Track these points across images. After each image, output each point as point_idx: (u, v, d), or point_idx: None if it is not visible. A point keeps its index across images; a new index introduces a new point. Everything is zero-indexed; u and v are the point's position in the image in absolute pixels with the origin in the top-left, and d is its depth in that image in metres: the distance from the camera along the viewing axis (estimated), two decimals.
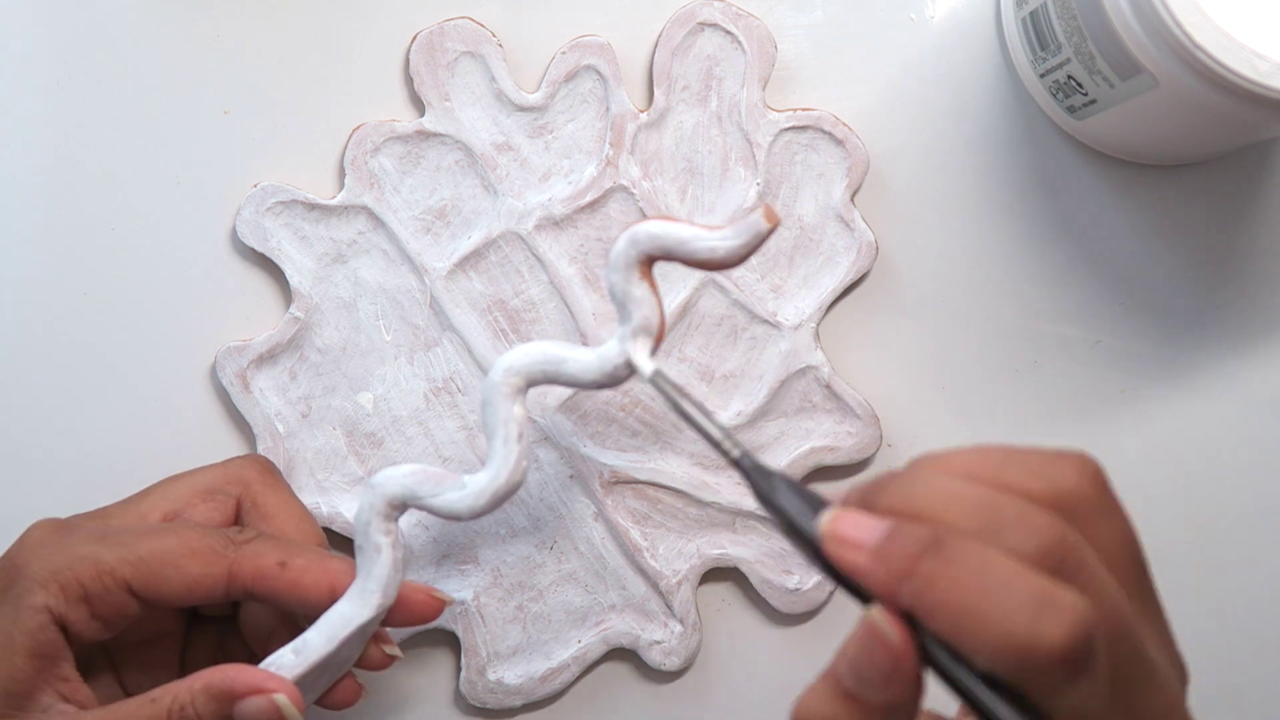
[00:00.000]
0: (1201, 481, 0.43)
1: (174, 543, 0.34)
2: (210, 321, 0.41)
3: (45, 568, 0.34)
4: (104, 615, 0.34)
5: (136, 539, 0.34)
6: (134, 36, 0.41)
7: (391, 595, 0.36)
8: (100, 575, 0.34)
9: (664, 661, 0.42)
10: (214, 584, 0.35)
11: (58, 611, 0.33)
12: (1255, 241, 0.43)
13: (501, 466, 0.35)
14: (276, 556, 0.35)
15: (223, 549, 0.35)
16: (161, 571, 0.34)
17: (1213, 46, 0.33)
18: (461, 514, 0.36)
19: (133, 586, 0.34)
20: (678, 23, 0.41)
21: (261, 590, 0.35)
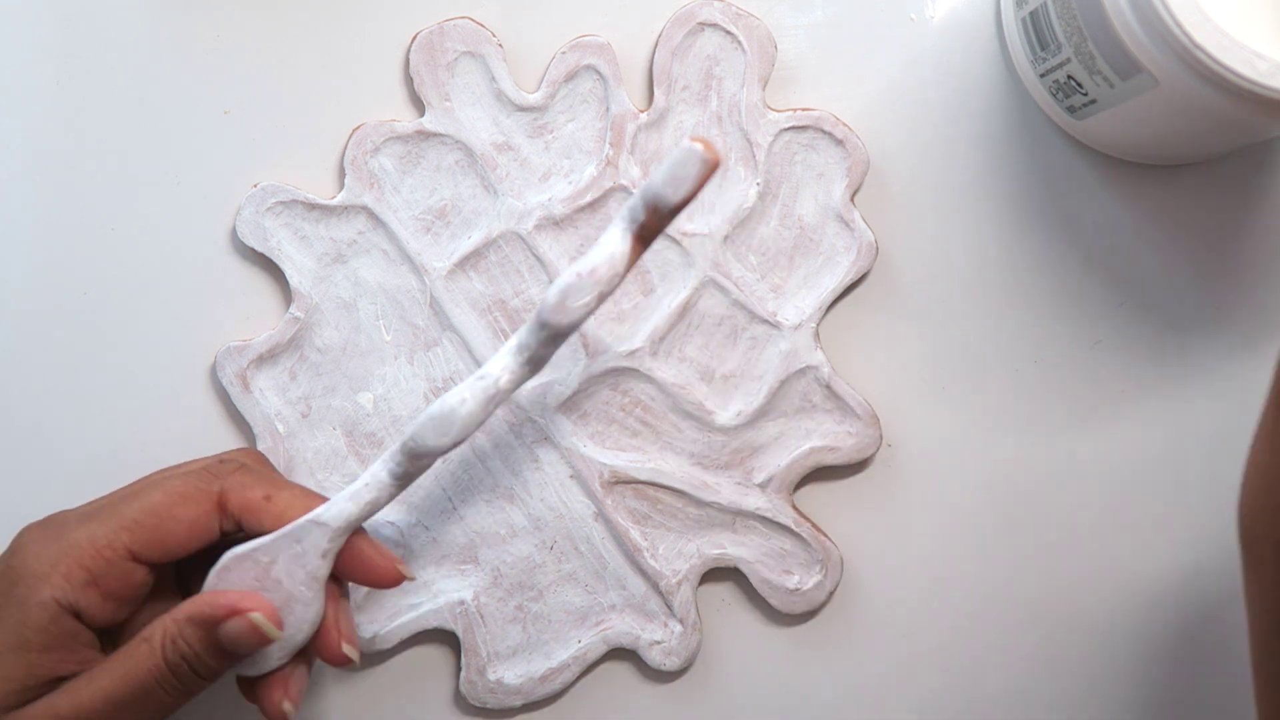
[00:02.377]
0: (1201, 481, 0.43)
1: (160, 495, 0.35)
2: (210, 321, 0.41)
3: (43, 562, 0.34)
4: (115, 591, 0.34)
5: (122, 504, 0.35)
6: (134, 36, 0.41)
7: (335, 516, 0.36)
8: (99, 551, 0.34)
9: (664, 661, 0.42)
10: (209, 521, 0.35)
11: (67, 601, 0.34)
12: (1255, 241, 0.43)
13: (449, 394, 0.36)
14: (262, 490, 0.36)
15: (207, 485, 0.36)
16: (158, 526, 0.35)
17: (1213, 46, 0.33)
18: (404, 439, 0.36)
19: (134, 551, 0.34)
20: (678, 23, 0.41)
21: (249, 522, 0.36)
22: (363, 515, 0.36)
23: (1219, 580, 0.44)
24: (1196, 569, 0.44)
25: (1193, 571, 0.44)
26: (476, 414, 0.36)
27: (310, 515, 0.36)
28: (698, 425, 0.41)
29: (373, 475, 0.36)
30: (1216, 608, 0.44)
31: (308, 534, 0.36)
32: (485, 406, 0.36)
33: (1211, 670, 0.44)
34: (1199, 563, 0.44)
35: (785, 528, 0.42)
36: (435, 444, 0.36)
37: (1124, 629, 0.43)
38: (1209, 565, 0.43)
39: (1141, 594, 0.44)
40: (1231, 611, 0.44)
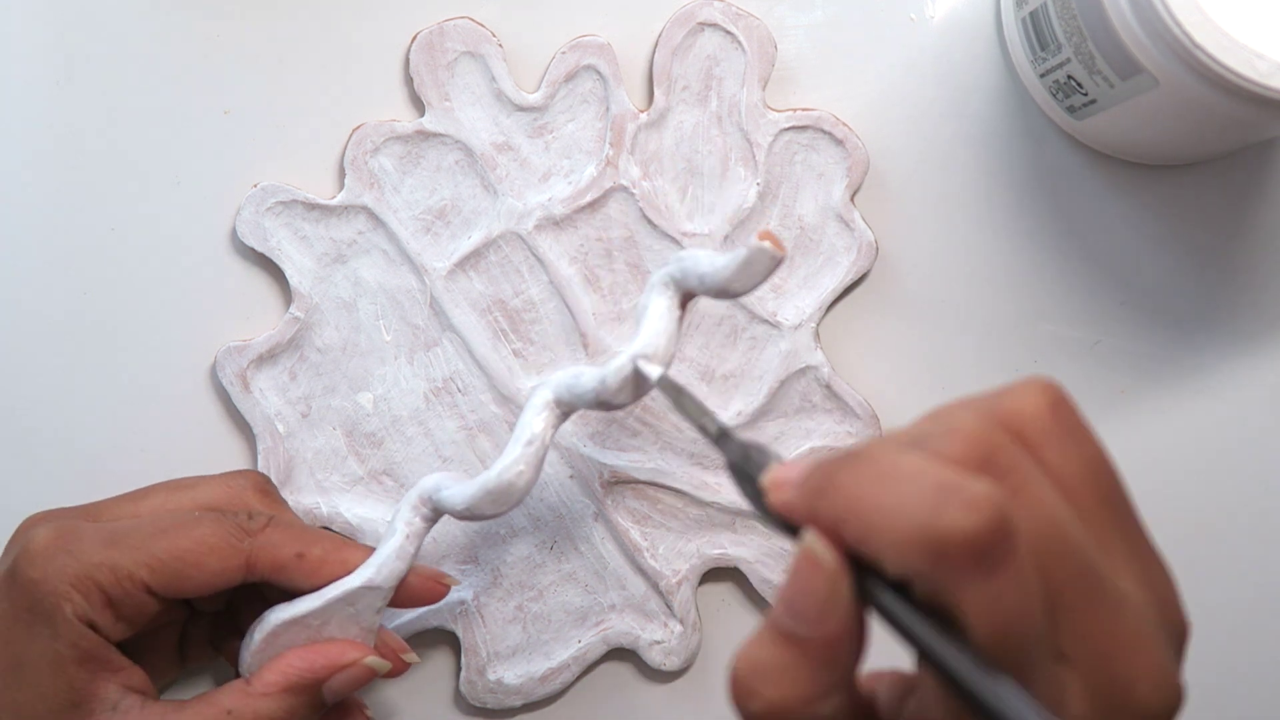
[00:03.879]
0: (1201, 481, 0.43)
1: (188, 542, 0.34)
2: (210, 321, 0.41)
3: (63, 578, 0.33)
4: (127, 616, 0.34)
5: (149, 539, 0.34)
6: (134, 36, 0.41)
7: (387, 577, 0.36)
8: (119, 580, 0.34)
9: (664, 661, 0.42)
10: (232, 576, 0.35)
11: (86, 618, 0.34)
12: (1255, 241, 0.43)
13: (501, 464, 0.35)
14: (294, 548, 0.35)
15: (239, 541, 0.35)
16: (181, 571, 0.34)
17: (1213, 46, 0.33)
18: (456, 507, 0.36)
19: (151, 587, 0.34)
20: (678, 23, 0.41)
21: (279, 579, 0.35)
22: (409, 567, 0.36)
23: (1218, 579, 0.44)
24: (1196, 568, 0.44)
25: (1192, 571, 0.44)
26: (534, 480, 0.36)
27: (363, 581, 0.36)
28: None
29: (410, 525, 0.36)
30: (1215, 607, 0.44)
31: (362, 598, 0.36)
32: (539, 469, 0.36)
33: (1210, 669, 0.44)
34: (1199, 562, 0.43)
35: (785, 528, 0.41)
36: (493, 512, 0.36)
37: None
38: (1209, 564, 0.43)
39: None
40: (1230, 611, 0.44)
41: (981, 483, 0.22)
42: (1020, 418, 0.24)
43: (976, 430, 0.23)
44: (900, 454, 0.23)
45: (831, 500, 0.23)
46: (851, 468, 0.23)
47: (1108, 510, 0.24)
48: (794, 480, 0.24)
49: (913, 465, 0.22)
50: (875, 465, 0.23)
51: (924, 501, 0.21)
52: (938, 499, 0.21)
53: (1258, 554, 0.43)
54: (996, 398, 0.24)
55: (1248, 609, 0.44)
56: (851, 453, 0.23)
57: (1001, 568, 0.21)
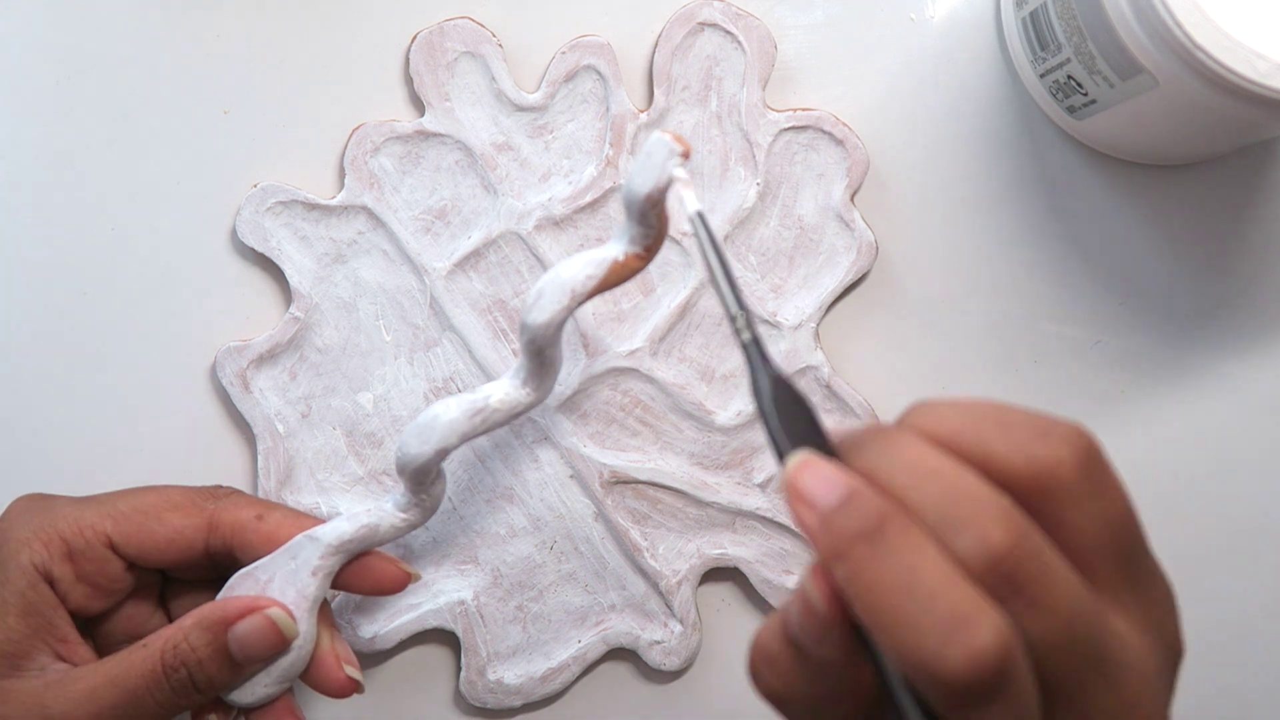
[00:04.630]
0: (1202, 481, 0.43)
1: (154, 498, 0.35)
2: (210, 321, 0.41)
3: (27, 528, 0.34)
4: (89, 575, 0.35)
5: (117, 497, 0.36)
6: (134, 36, 0.41)
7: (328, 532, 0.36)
8: (81, 530, 0.34)
9: (664, 661, 0.42)
10: (194, 535, 0.35)
11: (43, 567, 0.34)
12: (1255, 241, 0.43)
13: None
14: (254, 510, 0.36)
15: (202, 501, 0.36)
16: (143, 524, 0.35)
17: (1213, 46, 0.33)
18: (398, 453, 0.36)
19: (114, 540, 0.35)
20: (678, 23, 0.41)
21: (239, 542, 0.36)
22: (359, 537, 0.36)
23: (1218, 579, 0.44)
24: (1195, 568, 0.44)
25: (1192, 571, 0.44)
26: (459, 422, 0.35)
27: (307, 532, 0.36)
28: (698, 425, 0.41)
29: (376, 503, 0.37)
30: (1215, 607, 0.44)
31: (301, 550, 0.36)
32: (470, 418, 0.35)
33: (1210, 668, 0.44)
34: (1198, 561, 0.43)
35: (785, 528, 0.42)
36: (416, 451, 0.35)
37: None
38: (1208, 564, 0.43)
39: None
40: (1230, 610, 0.44)
41: (991, 624, 0.22)
42: (1052, 476, 0.24)
43: (1005, 536, 0.23)
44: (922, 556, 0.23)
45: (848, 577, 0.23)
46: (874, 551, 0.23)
47: (1122, 566, 0.25)
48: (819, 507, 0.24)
49: (932, 579, 0.22)
50: (896, 562, 0.23)
51: (932, 631, 0.22)
52: (945, 633, 0.22)
53: (1258, 553, 0.43)
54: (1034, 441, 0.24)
55: (1249, 608, 0.44)
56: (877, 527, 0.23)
57: (996, 703, 0.22)
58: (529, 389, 0.36)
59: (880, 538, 0.23)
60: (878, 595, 0.23)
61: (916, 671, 0.22)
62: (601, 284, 0.34)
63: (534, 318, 0.34)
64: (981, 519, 0.23)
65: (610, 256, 0.34)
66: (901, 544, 0.23)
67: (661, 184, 0.32)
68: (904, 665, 0.22)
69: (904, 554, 0.23)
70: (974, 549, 0.23)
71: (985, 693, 0.22)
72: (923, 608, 0.22)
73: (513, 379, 0.36)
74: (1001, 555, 0.23)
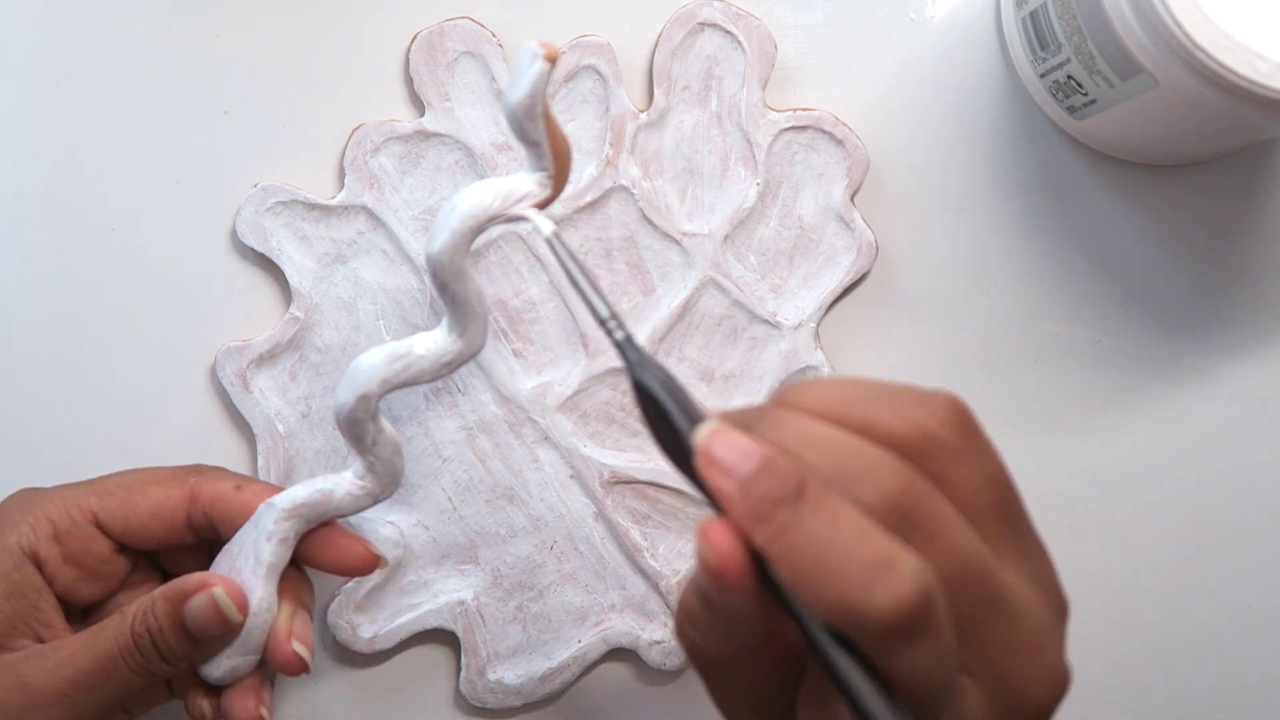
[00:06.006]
0: (1201, 481, 0.43)
1: (138, 475, 0.36)
2: (210, 321, 0.41)
3: (15, 513, 0.35)
4: (76, 555, 0.35)
5: (102, 478, 0.37)
6: (134, 36, 0.41)
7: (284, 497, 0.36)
8: (67, 509, 0.35)
9: (664, 661, 0.42)
10: (176, 506, 0.36)
11: (30, 549, 0.34)
12: (1255, 241, 0.43)
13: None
14: (233, 481, 0.37)
15: (185, 476, 0.37)
16: (126, 499, 0.36)
17: (1213, 46, 0.33)
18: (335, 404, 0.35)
19: (99, 517, 0.35)
20: (678, 23, 0.41)
21: (218, 513, 0.36)
22: (312, 501, 0.36)
23: (1217, 578, 0.44)
24: (1195, 567, 0.44)
25: (1192, 570, 0.44)
26: (378, 368, 0.34)
27: (266, 500, 0.36)
28: None
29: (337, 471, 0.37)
30: (1215, 606, 0.44)
31: (261, 517, 0.36)
32: (389, 363, 0.34)
33: (1210, 667, 0.44)
34: (1198, 561, 0.44)
35: None
36: (341, 400, 0.35)
37: (1121, 628, 0.43)
38: (1208, 563, 0.43)
39: (1140, 592, 0.44)
40: (1229, 610, 0.44)
41: (910, 558, 0.23)
42: (933, 437, 0.25)
43: (897, 480, 0.24)
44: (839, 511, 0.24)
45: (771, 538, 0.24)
46: (796, 512, 0.24)
47: (1004, 520, 0.26)
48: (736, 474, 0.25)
49: (852, 531, 0.24)
50: (817, 520, 0.24)
51: (857, 578, 0.23)
52: (870, 577, 0.23)
53: (1257, 553, 0.43)
54: (912, 407, 0.26)
55: (1248, 607, 0.44)
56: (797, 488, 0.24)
57: (921, 639, 0.23)
58: (454, 335, 0.35)
59: (801, 500, 0.24)
60: (802, 553, 0.24)
61: (845, 619, 0.24)
62: (498, 211, 0.33)
63: (429, 247, 0.33)
64: (874, 470, 0.24)
65: (509, 183, 0.33)
66: (820, 503, 0.24)
67: (531, 94, 0.31)
68: (832, 616, 0.24)
69: (824, 512, 0.24)
70: (872, 496, 0.24)
71: (912, 630, 0.23)
72: (846, 559, 0.23)
73: (440, 328, 0.35)
74: (897, 498, 0.24)
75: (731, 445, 0.25)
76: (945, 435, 0.25)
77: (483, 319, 0.35)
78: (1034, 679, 0.25)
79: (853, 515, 0.24)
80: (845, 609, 0.23)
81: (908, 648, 0.24)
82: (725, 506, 0.25)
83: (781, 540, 0.24)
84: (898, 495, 0.24)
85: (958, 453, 0.25)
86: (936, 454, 0.25)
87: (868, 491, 0.24)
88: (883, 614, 0.23)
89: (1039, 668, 0.25)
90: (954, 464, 0.25)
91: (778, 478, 0.24)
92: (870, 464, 0.24)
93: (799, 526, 0.24)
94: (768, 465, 0.24)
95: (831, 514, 0.24)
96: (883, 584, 0.23)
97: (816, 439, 0.25)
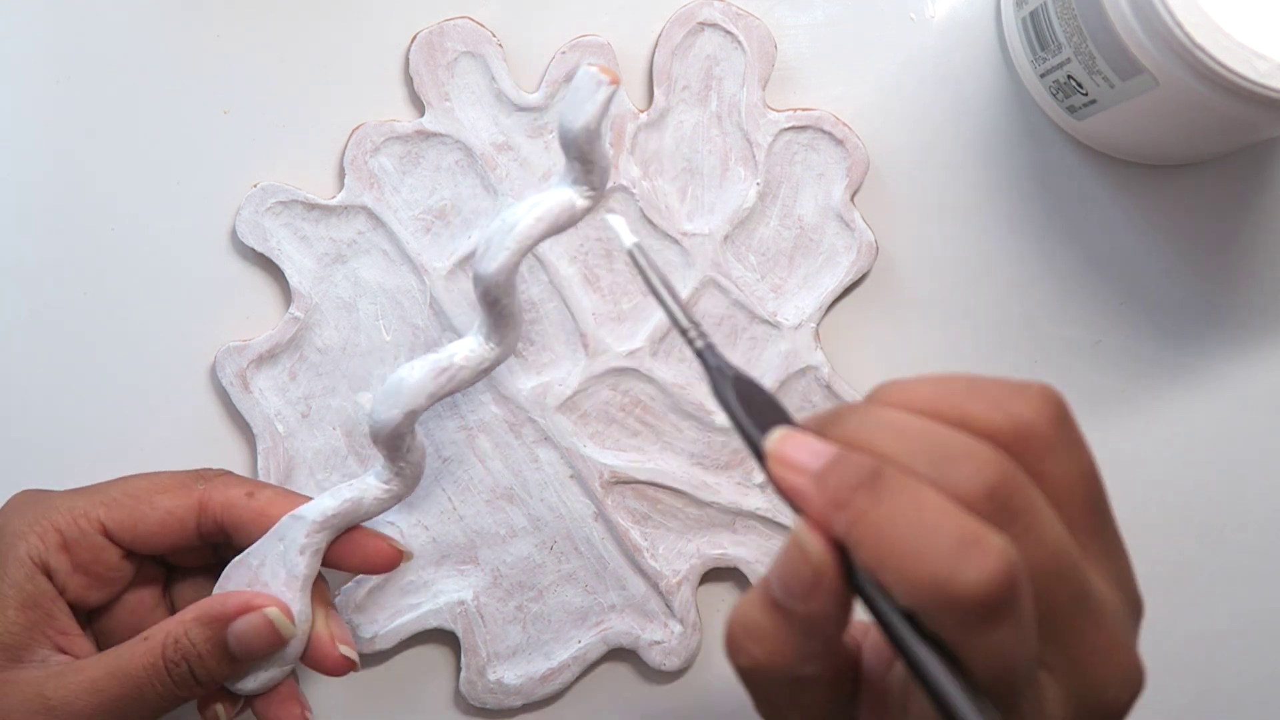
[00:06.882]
0: (1201, 481, 0.43)
1: (145, 482, 0.36)
2: (210, 321, 0.41)
3: (22, 522, 0.35)
4: (85, 564, 0.35)
5: (108, 485, 0.36)
6: (134, 36, 0.41)
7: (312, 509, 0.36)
8: (75, 519, 0.35)
9: (664, 661, 0.42)
10: (186, 515, 0.35)
11: (40, 559, 0.34)
12: (1255, 241, 0.43)
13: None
14: (244, 488, 0.36)
15: (193, 483, 0.36)
16: (135, 508, 0.35)
17: (1213, 46, 0.33)
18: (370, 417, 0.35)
19: (108, 527, 0.35)
20: (678, 23, 0.41)
21: (230, 520, 0.36)
22: (342, 511, 0.36)
23: (1217, 578, 0.44)
24: (1196, 567, 0.44)
25: (1193, 569, 0.44)
26: (425, 383, 0.35)
27: (292, 512, 0.36)
28: (698, 425, 0.41)
29: (360, 477, 0.37)
30: (1216, 606, 0.44)
31: (288, 530, 0.36)
32: (435, 378, 0.35)
33: (1210, 667, 0.44)
34: (1198, 561, 0.44)
35: (785, 528, 0.42)
36: (386, 417, 0.35)
37: None
38: (1209, 563, 0.43)
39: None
40: (1230, 609, 0.44)
41: (999, 538, 0.23)
42: (1030, 429, 0.25)
43: (996, 468, 0.24)
44: (922, 492, 0.24)
45: (851, 523, 0.24)
46: (874, 494, 0.24)
47: (1093, 517, 0.26)
48: (809, 470, 0.25)
49: (936, 510, 0.23)
50: (898, 501, 0.24)
51: (944, 555, 0.23)
52: (957, 554, 0.23)
53: (1258, 552, 0.43)
54: (1009, 399, 0.25)
55: (1249, 607, 0.44)
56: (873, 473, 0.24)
57: (1006, 621, 0.23)
58: (492, 343, 0.35)
59: (880, 481, 0.24)
60: (885, 532, 0.23)
61: (932, 598, 0.23)
62: (550, 228, 0.33)
63: (484, 267, 0.34)
64: (973, 458, 0.24)
65: (558, 199, 0.33)
66: (901, 484, 0.24)
67: (597, 119, 0.32)
68: (917, 596, 0.23)
69: (905, 492, 0.24)
70: (970, 481, 0.24)
71: (998, 609, 0.23)
72: (931, 537, 0.23)
73: (475, 335, 0.35)
74: (996, 484, 0.24)
75: (802, 446, 0.25)
76: (1042, 427, 0.25)
77: (520, 325, 0.36)
78: (1113, 677, 0.25)
79: (935, 496, 0.24)
80: (932, 586, 0.23)
81: (991, 630, 0.23)
82: (802, 505, 0.25)
83: (862, 523, 0.24)
84: (997, 483, 0.24)
85: (1054, 446, 0.25)
86: (1032, 446, 0.25)
87: (965, 479, 0.24)
88: (971, 590, 0.23)
89: (1118, 666, 0.25)
90: (1049, 457, 0.25)
91: (853, 465, 0.24)
92: (968, 452, 0.24)
93: (878, 508, 0.24)
94: (840, 458, 0.24)
95: (913, 495, 0.24)
96: (971, 560, 0.23)
97: (907, 430, 0.25)
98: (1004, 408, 0.25)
